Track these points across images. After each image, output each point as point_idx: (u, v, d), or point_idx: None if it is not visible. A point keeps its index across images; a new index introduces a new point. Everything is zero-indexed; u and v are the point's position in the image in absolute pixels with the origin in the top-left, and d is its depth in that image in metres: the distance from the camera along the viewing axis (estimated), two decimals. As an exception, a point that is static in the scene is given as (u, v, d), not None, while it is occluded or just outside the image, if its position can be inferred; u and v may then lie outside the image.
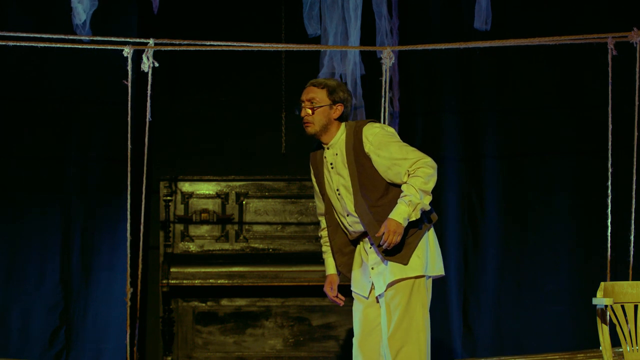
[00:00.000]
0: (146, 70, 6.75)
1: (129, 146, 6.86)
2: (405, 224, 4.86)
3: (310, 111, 5.06)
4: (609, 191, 6.87)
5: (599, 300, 5.15)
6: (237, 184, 8.25)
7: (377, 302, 5.10)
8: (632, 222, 6.87)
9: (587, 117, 8.06)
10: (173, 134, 8.44)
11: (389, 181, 4.99)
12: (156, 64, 6.75)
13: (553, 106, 8.15)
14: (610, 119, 6.90)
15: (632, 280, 6.77)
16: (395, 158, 4.95)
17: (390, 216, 4.85)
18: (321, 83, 5.11)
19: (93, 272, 7.82)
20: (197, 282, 7.81)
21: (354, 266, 5.18)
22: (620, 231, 7.09)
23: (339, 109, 5.08)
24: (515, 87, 8.18)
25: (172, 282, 7.77)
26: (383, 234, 4.84)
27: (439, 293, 7.82)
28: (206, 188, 8.25)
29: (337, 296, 5.25)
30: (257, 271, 7.87)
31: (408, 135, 8.04)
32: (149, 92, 6.80)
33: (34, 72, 7.81)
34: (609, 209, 6.87)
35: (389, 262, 4.98)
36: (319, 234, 5.36)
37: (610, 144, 6.90)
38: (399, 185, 4.97)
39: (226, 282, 7.83)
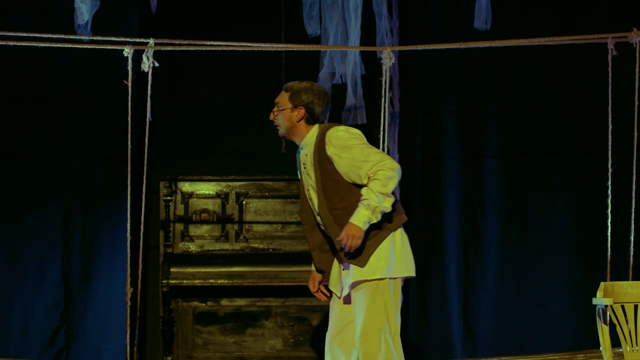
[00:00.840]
0: (146, 70, 6.75)
1: (129, 146, 6.85)
2: (365, 227, 4.91)
3: (273, 115, 5.19)
4: (609, 191, 6.87)
5: (599, 300, 5.15)
6: (237, 184, 8.24)
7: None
8: (632, 222, 6.86)
9: (587, 117, 8.05)
10: (173, 134, 8.44)
11: (351, 182, 5.02)
12: (156, 64, 6.75)
13: (553, 106, 8.15)
14: (610, 119, 6.90)
15: (632, 280, 6.77)
16: (356, 160, 4.98)
17: (350, 220, 4.91)
18: (288, 87, 5.20)
19: (93, 272, 7.82)
20: (197, 282, 7.81)
21: (334, 263, 5.23)
22: (620, 231, 7.08)
23: (300, 112, 5.12)
24: (515, 87, 8.17)
25: (172, 282, 7.76)
26: (344, 237, 4.89)
27: (439, 293, 7.82)
28: (206, 188, 8.25)
29: (318, 291, 5.29)
30: (257, 271, 7.86)
31: (408, 135, 8.04)
32: (149, 92, 6.79)
33: (34, 72, 7.81)
34: (609, 209, 6.86)
35: (350, 265, 5.03)
36: None
37: (610, 144, 6.90)
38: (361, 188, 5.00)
39: (226, 282, 7.83)
